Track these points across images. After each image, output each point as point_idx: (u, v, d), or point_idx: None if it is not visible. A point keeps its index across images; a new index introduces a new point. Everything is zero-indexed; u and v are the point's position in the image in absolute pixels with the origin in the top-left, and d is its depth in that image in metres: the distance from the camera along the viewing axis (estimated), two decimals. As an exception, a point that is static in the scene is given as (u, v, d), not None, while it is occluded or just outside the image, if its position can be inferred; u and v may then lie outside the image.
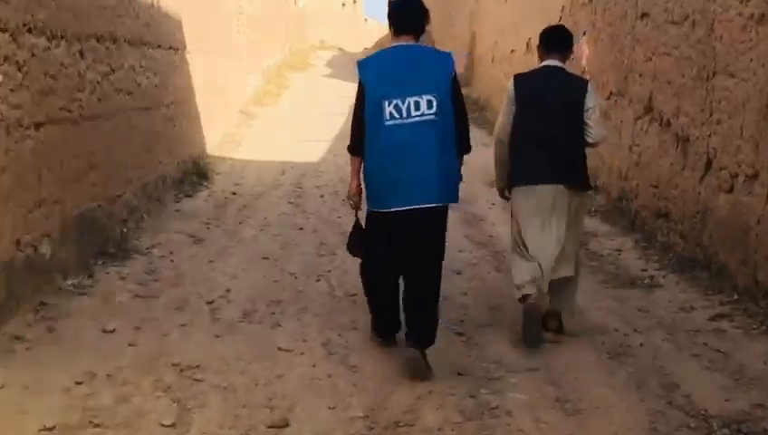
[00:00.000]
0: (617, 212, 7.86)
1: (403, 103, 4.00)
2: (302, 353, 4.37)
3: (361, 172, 4.27)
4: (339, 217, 7.68)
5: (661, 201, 6.80)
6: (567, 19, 10.23)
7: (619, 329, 4.91)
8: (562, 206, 4.56)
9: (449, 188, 4.17)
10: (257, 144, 12.40)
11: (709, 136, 5.86)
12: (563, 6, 10.46)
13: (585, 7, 9.47)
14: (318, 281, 5.74)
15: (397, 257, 4.16)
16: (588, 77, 6.10)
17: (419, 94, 4.01)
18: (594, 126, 4.62)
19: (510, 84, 4.76)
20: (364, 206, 4.35)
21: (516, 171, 4.66)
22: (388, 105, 4.01)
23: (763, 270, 5.00)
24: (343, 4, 48.40)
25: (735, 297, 5.26)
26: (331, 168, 10.32)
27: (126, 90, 6.58)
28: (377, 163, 4.11)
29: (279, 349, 4.41)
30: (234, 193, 8.72)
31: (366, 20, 57.86)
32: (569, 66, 4.87)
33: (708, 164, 5.88)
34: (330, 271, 5.97)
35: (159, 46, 7.77)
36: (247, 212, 7.88)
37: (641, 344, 4.65)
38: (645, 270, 6.25)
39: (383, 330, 4.47)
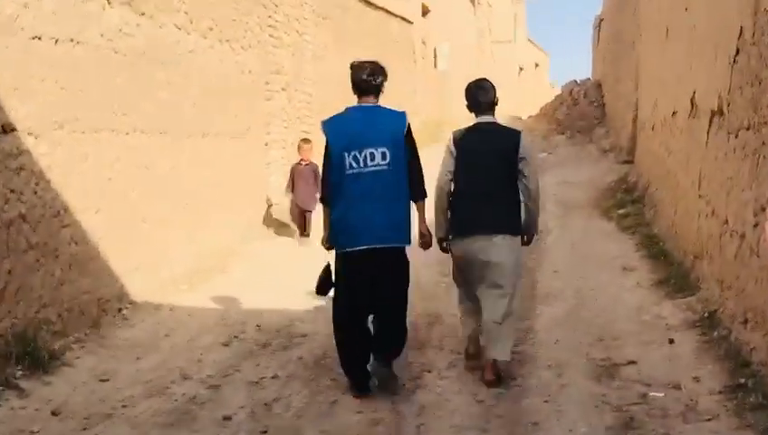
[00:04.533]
0: None
1: (360, 154, 4.54)
2: None
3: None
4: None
5: None
6: (749, 49, 5.33)
7: None
8: (500, 253, 4.74)
9: (400, 230, 4.64)
10: (268, 266, 8.28)
11: None
12: (742, 29, 5.53)
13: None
14: None
15: (362, 294, 4.60)
16: (520, 128, 5.23)
17: (374, 147, 4.54)
18: (530, 175, 4.87)
19: (449, 139, 5.00)
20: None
21: (456, 223, 4.90)
22: (348, 156, 4.55)
23: None
24: (521, 69, 44.03)
25: None
26: (325, 326, 5.55)
27: None
28: (342, 208, 4.62)
29: None
30: (54, 413, 4.48)
31: (552, 85, 52.97)
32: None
33: None
34: None
35: None
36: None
37: None
38: None
39: (355, 381, 4.73)
